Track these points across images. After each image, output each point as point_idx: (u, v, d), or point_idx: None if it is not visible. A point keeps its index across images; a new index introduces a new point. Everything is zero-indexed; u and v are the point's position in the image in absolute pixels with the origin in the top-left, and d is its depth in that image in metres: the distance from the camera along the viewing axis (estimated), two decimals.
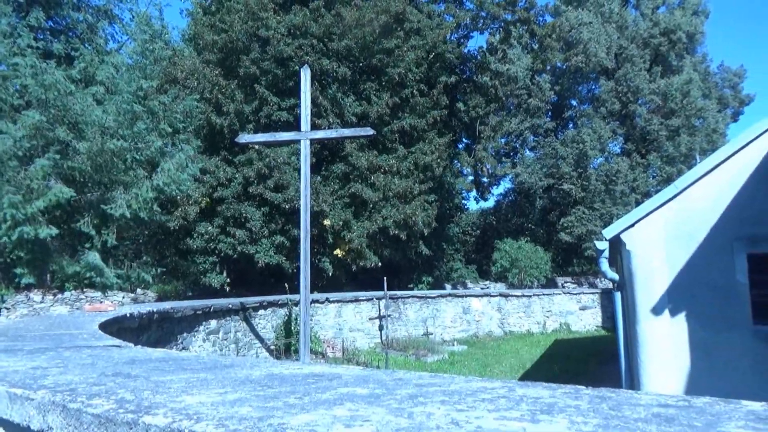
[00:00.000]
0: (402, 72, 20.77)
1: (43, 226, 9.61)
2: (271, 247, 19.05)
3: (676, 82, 29.31)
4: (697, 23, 31.99)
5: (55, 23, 12.31)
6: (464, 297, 19.42)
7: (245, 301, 12.76)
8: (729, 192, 7.71)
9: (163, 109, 12.68)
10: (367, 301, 16.61)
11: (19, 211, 9.20)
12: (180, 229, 17.90)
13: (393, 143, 21.32)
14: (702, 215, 7.94)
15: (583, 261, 29.42)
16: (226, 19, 19.95)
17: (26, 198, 9.40)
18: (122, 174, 10.95)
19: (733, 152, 7.67)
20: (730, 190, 7.69)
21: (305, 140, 11.06)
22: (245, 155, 19.40)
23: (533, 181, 30.77)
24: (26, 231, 9.36)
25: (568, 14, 31.63)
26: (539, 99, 31.33)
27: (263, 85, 19.81)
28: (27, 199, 9.41)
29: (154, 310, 8.53)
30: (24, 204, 9.28)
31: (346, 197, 20.12)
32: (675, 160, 28.46)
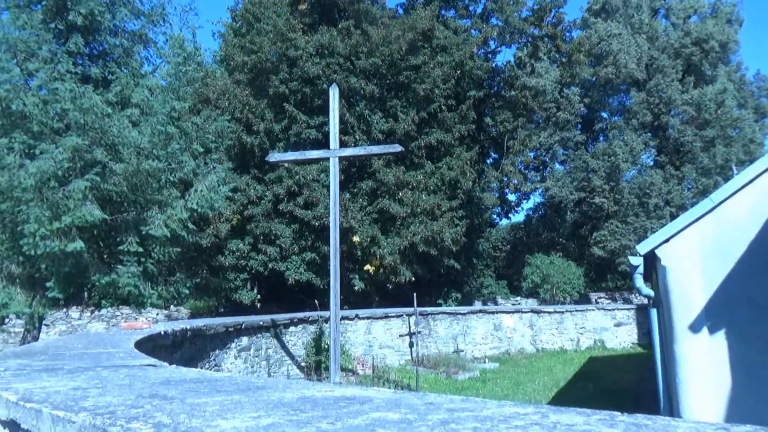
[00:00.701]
0: (429, 88, 20.85)
1: (70, 240, 9.87)
2: (301, 264, 19.20)
3: (710, 92, 28.71)
4: (731, 32, 31.36)
5: (92, 48, 12.74)
6: (495, 313, 19.18)
7: (276, 317, 12.86)
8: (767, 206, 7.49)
9: (196, 129, 12.97)
10: (397, 317, 16.54)
11: (44, 227, 9.49)
12: (212, 246, 18.21)
13: (420, 159, 21.35)
14: (740, 229, 7.72)
15: (617, 276, 28.82)
16: (256, 40, 20.39)
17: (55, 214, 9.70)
18: (157, 193, 11.21)
19: None
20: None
21: (334, 158, 11.17)
22: (275, 173, 19.68)
23: (564, 194, 30.38)
24: (51, 246, 9.62)
25: (597, 26, 31.36)
26: (569, 112, 31.04)
27: (292, 104, 20.12)
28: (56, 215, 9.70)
29: (187, 328, 8.65)
30: (51, 220, 9.57)
31: (374, 213, 20.19)
32: (711, 172, 27.77)
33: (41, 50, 10.63)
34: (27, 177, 9.40)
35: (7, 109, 10.16)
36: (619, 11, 32.50)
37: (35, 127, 10.22)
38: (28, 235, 9.65)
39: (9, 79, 10.24)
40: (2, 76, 10.28)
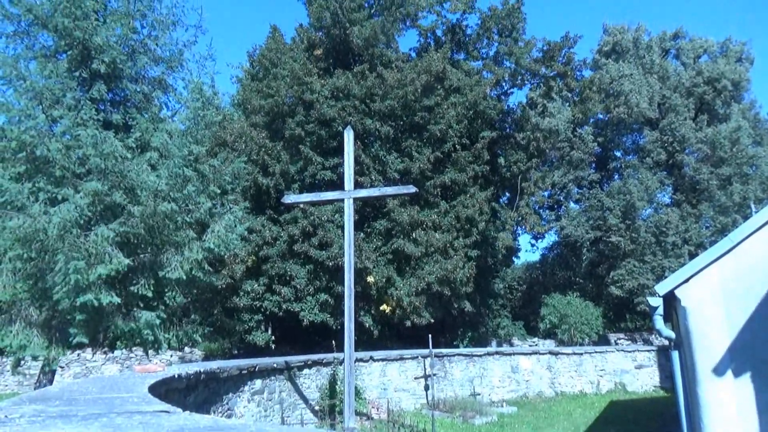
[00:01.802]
0: (443, 128, 21.09)
1: (104, 292, 9.96)
2: (315, 305, 19.14)
3: (724, 130, 28.68)
4: (742, 70, 31.52)
5: (114, 95, 13.11)
6: (512, 355, 18.82)
7: (290, 360, 12.74)
8: None
9: (213, 171, 13.17)
10: (412, 359, 16.30)
11: (83, 277, 9.58)
12: (227, 287, 18.25)
13: (435, 198, 21.42)
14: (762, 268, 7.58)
15: (636, 316, 28.29)
16: (273, 84, 20.88)
17: (88, 264, 9.80)
18: (173, 235, 11.32)
19: None
20: None
21: (349, 199, 11.25)
22: (290, 214, 19.83)
23: (579, 233, 30.16)
24: (89, 299, 9.71)
25: (608, 67, 31.71)
26: (582, 151, 31.10)
27: (308, 146, 20.42)
28: (89, 264, 9.80)
29: (201, 370, 8.60)
30: (87, 271, 9.66)
31: (389, 253, 20.16)
32: (729, 210, 27.46)
33: (66, 97, 10.96)
34: (51, 225, 9.56)
35: (31, 155, 10.42)
36: (630, 52, 32.89)
37: (58, 171, 10.45)
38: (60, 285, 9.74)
39: (34, 126, 10.53)
40: (28, 122, 10.58)
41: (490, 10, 25.47)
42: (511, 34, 25.78)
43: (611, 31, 34.29)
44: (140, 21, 13.55)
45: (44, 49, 12.21)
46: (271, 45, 22.70)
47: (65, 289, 9.58)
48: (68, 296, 9.65)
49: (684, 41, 33.74)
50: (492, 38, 26.23)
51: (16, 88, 11.09)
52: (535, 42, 25.97)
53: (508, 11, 25.07)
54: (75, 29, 11.59)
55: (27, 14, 11.77)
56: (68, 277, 9.41)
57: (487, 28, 25.72)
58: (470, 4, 25.76)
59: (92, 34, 11.79)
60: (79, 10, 11.65)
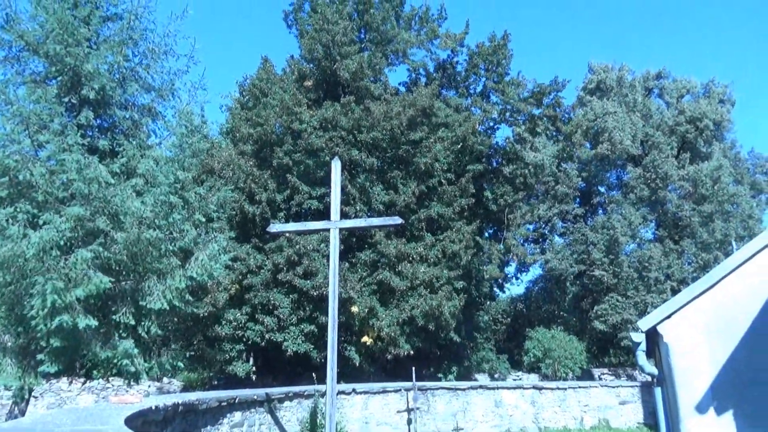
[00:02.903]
0: (429, 162, 21.26)
1: (81, 315, 9.76)
2: (299, 335, 18.92)
3: (706, 168, 29.27)
4: (724, 111, 32.35)
5: (102, 121, 13.10)
6: (496, 389, 18.64)
7: (270, 391, 12.52)
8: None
9: (199, 199, 13.12)
10: (395, 392, 16.08)
11: (61, 298, 9.40)
12: (209, 316, 18.00)
13: (420, 231, 21.47)
14: (742, 306, 7.68)
15: (620, 351, 28.30)
16: (262, 114, 21.03)
17: (66, 286, 9.63)
18: (157, 262, 11.20)
19: None
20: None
21: (335, 229, 11.23)
22: (275, 242, 19.74)
23: (564, 267, 30.33)
24: (65, 320, 9.50)
25: (592, 104, 32.41)
26: (567, 186, 31.52)
27: (295, 175, 20.47)
28: (67, 287, 9.63)
29: (178, 402, 8.42)
30: (65, 292, 9.49)
31: (374, 285, 20.08)
32: (710, 247, 27.84)
33: (53, 123, 10.94)
34: (29, 246, 9.41)
35: (14, 179, 10.33)
36: (614, 90, 33.68)
37: (40, 196, 10.35)
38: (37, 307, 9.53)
39: (19, 150, 10.47)
40: (12, 147, 10.52)
41: (477, 47, 25.98)
42: (497, 70, 26.26)
43: (596, 69, 35.14)
44: (132, 49, 13.65)
45: (34, 75, 12.22)
46: (262, 75, 22.93)
47: (42, 313, 9.39)
48: (44, 321, 9.45)
49: (667, 81, 34.65)
50: (479, 74, 26.71)
51: (3, 113, 11.06)
52: (524, 82, 26.44)
53: (494, 47, 25.58)
54: (66, 56, 11.63)
55: (18, 40, 11.81)
56: (45, 299, 9.25)
57: (475, 65, 26.22)
58: (460, 42, 26.28)
59: (83, 61, 11.84)
60: (72, 37, 11.72)
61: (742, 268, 7.73)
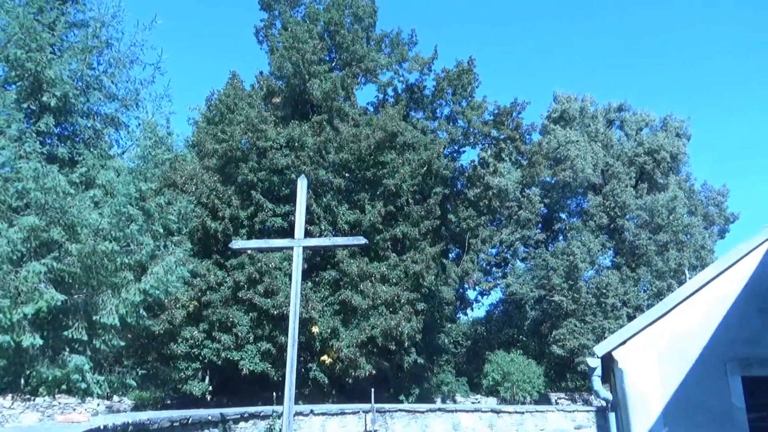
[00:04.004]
0: (396, 183, 21.38)
1: (27, 333, 9.29)
2: (256, 354, 18.59)
3: (662, 199, 30.23)
4: (680, 145, 33.59)
5: (63, 129, 12.75)
6: (454, 412, 18.62)
7: (225, 412, 12.22)
8: (719, 311, 7.70)
9: (159, 210, 12.84)
10: (353, 414, 15.91)
11: (6, 317, 8.95)
12: (165, 333, 17.54)
13: (385, 251, 21.49)
14: (693, 334, 7.87)
15: (577, 376, 28.67)
16: (228, 129, 20.85)
17: (14, 302, 9.17)
18: (111, 276, 10.87)
19: (720, 271, 7.75)
20: (719, 309, 7.68)
21: (298, 247, 11.13)
22: (237, 259, 19.47)
23: (524, 291, 30.73)
24: (6, 340, 9.01)
25: (556, 132, 33.26)
26: (529, 211, 32.09)
27: (259, 192, 20.31)
28: (15, 303, 9.18)
29: (129, 422, 8.13)
30: (11, 309, 9.04)
31: (336, 304, 19.95)
32: (665, 275, 28.64)
33: (10, 129, 10.59)
34: None
35: None
36: (576, 120, 34.66)
37: None
38: None
39: None
40: None
41: (443, 71, 26.44)
42: (463, 94, 26.74)
43: (560, 99, 36.15)
44: (97, 57, 13.36)
45: None
46: (230, 90, 22.80)
47: None
48: None
49: (628, 114, 35.84)
50: (446, 98, 27.14)
51: None
52: (486, 105, 26.95)
53: (460, 72, 26.08)
54: (27, 61, 11.32)
55: None
56: None
57: (442, 89, 26.64)
58: (427, 66, 26.69)
59: (45, 67, 11.53)
60: (34, 42, 11.42)
61: (694, 297, 7.94)
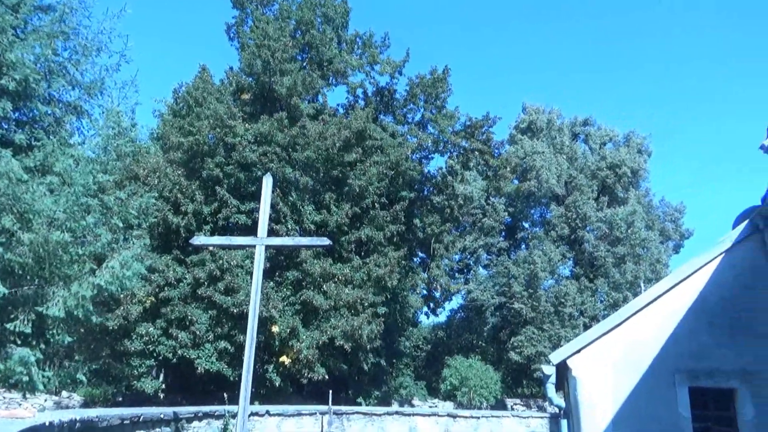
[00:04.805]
0: (363, 185, 21.36)
1: None
2: (213, 353, 18.30)
3: (622, 213, 31.01)
4: (641, 161, 34.55)
5: (21, 114, 12.31)
6: (411, 416, 18.71)
7: (179, 410, 11.99)
8: (670, 324, 7.92)
9: (119, 203, 12.50)
10: (309, 415, 15.82)
11: None
12: (119, 329, 17.09)
13: (349, 253, 21.45)
14: (645, 345, 8.08)
15: (533, 383, 29.13)
16: (195, 123, 20.50)
17: None
18: (65, 267, 10.53)
19: (672, 285, 7.98)
20: (670, 322, 7.90)
21: (261, 246, 11.00)
22: (198, 256, 19.14)
23: (485, 298, 31.09)
24: None
25: (523, 142, 33.82)
26: (493, 219, 32.51)
27: (224, 188, 20.02)
28: None
29: (76, 419, 7.90)
30: None
31: (297, 304, 19.80)
32: (621, 287, 29.37)
33: None
34: None
35: None
36: (543, 132, 35.31)
37: None
38: None
39: None
40: None
41: (417, 77, 26.56)
42: (435, 102, 26.88)
43: (529, 110, 36.78)
44: (63, 43, 12.96)
45: None
46: (198, 84, 22.41)
47: None
48: None
49: (593, 128, 36.69)
50: (418, 104, 27.25)
51: None
52: (458, 115, 27.15)
53: (434, 80, 26.23)
54: None
55: None
56: None
57: (414, 95, 26.75)
58: (398, 70, 26.75)
59: (6, 49, 11.12)
60: None
61: (647, 309, 8.16)
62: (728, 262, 7.89)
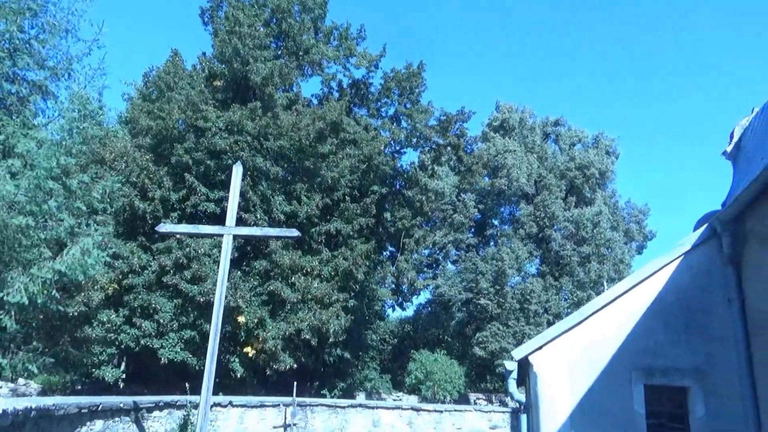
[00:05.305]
0: (335, 177, 21.29)
1: None
2: (178, 342, 18.07)
3: (588, 213, 31.63)
4: (609, 162, 35.26)
5: None
6: (375, 409, 18.78)
7: (139, 400, 11.79)
8: (629, 323, 8.13)
9: (83, 187, 12.21)
10: (273, 407, 15.74)
11: None
12: (79, 315, 16.70)
13: (318, 245, 21.38)
14: (605, 343, 8.27)
15: (496, 378, 29.59)
16: (165, 108, 20.10)
17: None
18: (25, 252, 10.27)
19: (632, 285, 8.19)
20: (629, 321, 8.12)
21: (229, 235, 10.90)
22: (164, 243, 18.83)
23: (453, 293, 31.39)
24: None
25: (495, 140, 34.15)
26: (464, 215, 32.80)
27: (193, 175, 19.72)
28: None
29: (32, 407, 7.70)
30: None
31: (265, 295, 19.67)
32: (585, 286, 30.00)
33: None
34: None
35: None
36: (515, 130, 35.71)
37: None
38: None
39: None
40: None
41: (392, 72, 26.55)
42: (410, 96, 26.91)
43: (502, 108, 37.15)
44: (30, 20, 12.55)
45: None
46: (170, 68, 21.97)
47: None
48: None
49: (563, 129, 37.26)
50: (392, 98, 27.24)
51: None
52: (432, 110, 27.23)
53: (409, 74, 26.24)
54: None
55: None
56: None
57: (389, 88, 26.73)
58: (375, 63, 26.70)
59: None
60: None
61: (608, 308, 8.37)
62: (686, 265, 8.14)
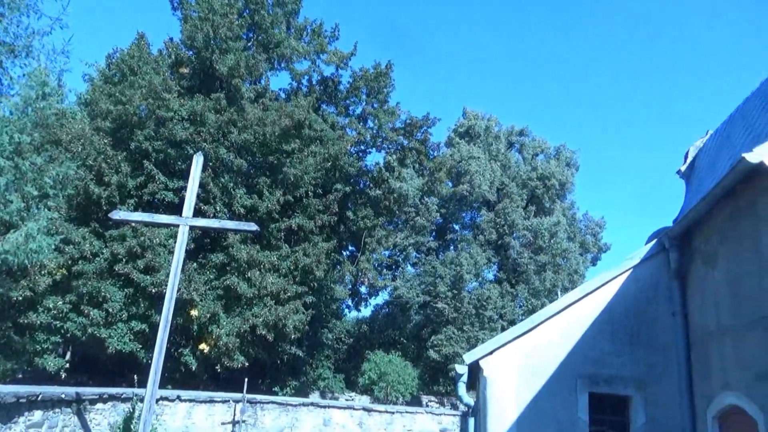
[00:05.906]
0: (298, 174, 21.11)
1: None
2: (127, 333, 17.62)
3: (546, 223, 32.24)
4: (569, 174, 36.02)
5: None
6: (326, 408, 18.73)
7: (82, 391, 11.44)
8: (577, 332, 8.32)
9: (34, 170, 11.81)
10: (222, 402, 15.52)
11: None
12: (24, 300, 16.11)
13: (278, 240, 21.18)
14: (553, 351, 8.43)
15: (449, 381, 29.85)
16: (127, 92, 19.58)
17: None
18: None
19: (582, 295, 8.38)
20: (578, 330, 8.30)
21: (185, 226, 10.68)
22: (118, 230, 18.35)
23: (411, 295, 31.54)
24: None
25: (460, 146, 34.49)
26: (426, 219, 33.00)
27: (153, 163, 19.28)
28: None
29: None
30: None
31: (220, 289, 19.37)
32: (540, 294, 30.56)
33: None
34: None
35: None
36: (480, 138, 36.13)
37: None
38: None
39: None
40: None
41: (361, 70, 26.51)
42: (377, 96, 26.91)
43: (469, 115, 37.53)
44: None
45: None
46: (134, 51, 21.42)
47: None
48: None
49: (527, 139, 37.89)
50: (360, 97, 27.21)
51: None
52: (399, 113, 27.27)
53: (377, 74, 26.25)
54: None
55: None
56: None
57: (357, 87, 26.68)
58: (345, 61, 26.62)
59: None
60: None
61: (558, 316, 8.54)
62: (635, 277, 8.39)
